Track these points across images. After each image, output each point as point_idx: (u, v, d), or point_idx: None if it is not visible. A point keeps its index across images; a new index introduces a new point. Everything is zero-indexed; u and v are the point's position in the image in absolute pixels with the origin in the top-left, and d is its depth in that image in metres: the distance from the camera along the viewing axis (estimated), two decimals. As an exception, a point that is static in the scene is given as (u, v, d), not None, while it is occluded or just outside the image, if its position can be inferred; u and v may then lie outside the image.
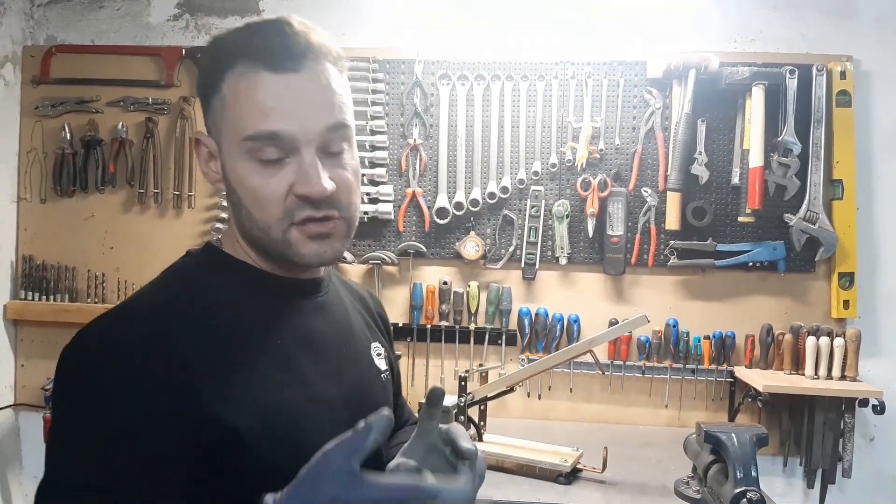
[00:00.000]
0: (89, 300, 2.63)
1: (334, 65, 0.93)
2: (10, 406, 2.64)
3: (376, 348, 1.14)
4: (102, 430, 0.80)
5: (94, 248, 2.66)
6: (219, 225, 2.55)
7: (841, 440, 2.34)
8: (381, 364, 1.14)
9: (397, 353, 2.57)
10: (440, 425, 0.91)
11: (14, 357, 2.66)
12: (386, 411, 0.76)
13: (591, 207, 2.46)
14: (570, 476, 1.96)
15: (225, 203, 1.75)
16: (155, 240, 2.60)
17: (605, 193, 2.47)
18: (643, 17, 2.54)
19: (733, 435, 1.71)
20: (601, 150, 2.50)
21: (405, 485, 0.76)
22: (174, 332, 0.86)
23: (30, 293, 2.64)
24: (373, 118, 2.54)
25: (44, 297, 2.63)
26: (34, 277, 2.64)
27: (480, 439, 2.10)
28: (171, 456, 0.81)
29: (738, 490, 1.62)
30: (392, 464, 0.89)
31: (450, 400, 2.09)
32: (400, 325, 2.57)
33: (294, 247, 0.92)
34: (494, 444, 2.09)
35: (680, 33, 2.53)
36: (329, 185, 0.90)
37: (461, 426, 0.92)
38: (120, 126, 2.64)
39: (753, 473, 1.65)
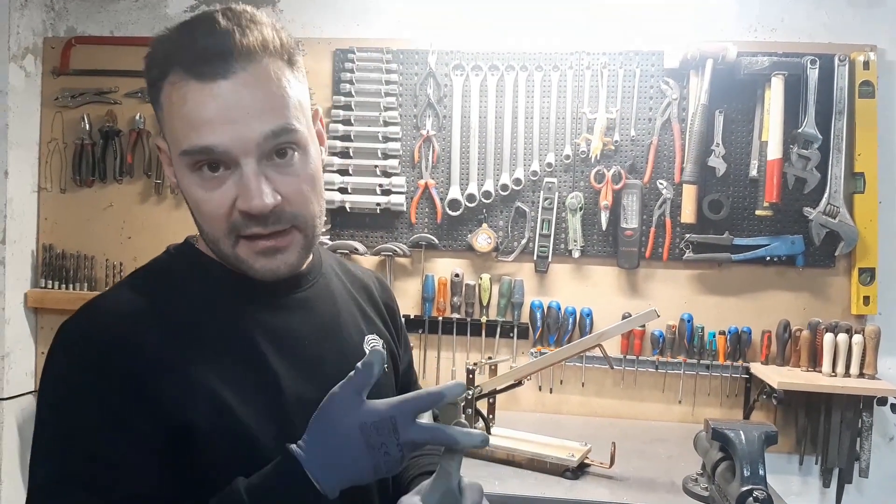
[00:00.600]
0: (107, 288, 2.66)
1: (279, 59, 0.87)
2: (31, 392, 2.69)
3: (372, 340, 1.10)
4: (69, 428, 0.81)
5: (112, 238, 2.70)
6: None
7: (858, 439, 2.29)
8: None
9: (409, 344, 2.57)
10: (456, 464, 0.88)
11: (35, 344, 2.71)
12: (380, 348, 0.87)
13: (605, 200, 2.43)
14: (578, 471, 1.95)
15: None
16: (171, 229, 2.63)
17: (619, 186, 2.43)
18: (661, 6, 2.50)
19: (741, 432, 1.68)
20: (616, 141, 2.46)
21: (412, 396, 0.85)
22: (138, 330, 0.85)
23: (50, 282, 2.68)
24: (386, 109, 2.54)
25: (63, 286, 2.68)
26: (54, 266, 2.69)
27: (488, 432, 2.09)
28: (136, 452, 0.81)
29: (744, 488, 1.60)
30: (405, 499, 0.87)
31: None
32: (412, 317, 2.57)
33: (245, 262, 0.90)
34: (502, 437, 2.08)
35: (699, 22, 2.48)
36: (270, 199, 0.84)
37: (480, 486, 0.90)
38: (137, 117, 2.68)
39: (761, 472, 1.63)
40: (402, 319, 1.31)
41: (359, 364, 0.84)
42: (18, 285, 2.65)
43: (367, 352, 1.09)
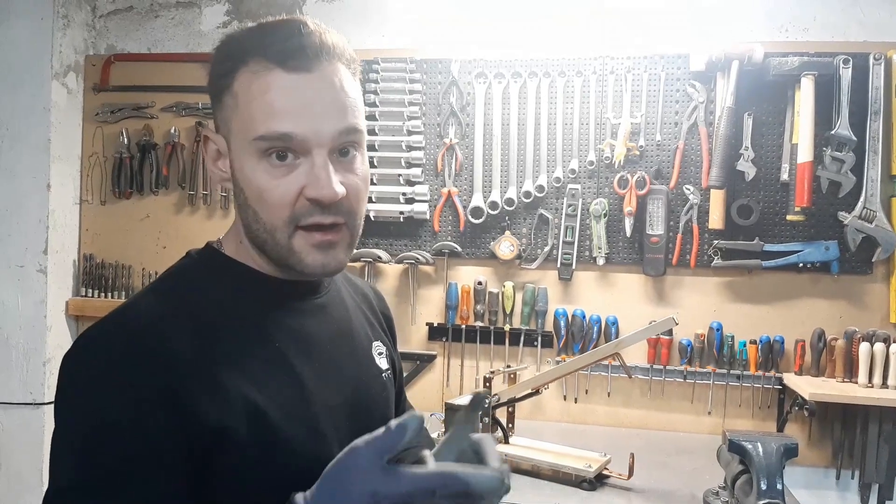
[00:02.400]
0: (132, 296, 2.75)
1: (347, 67, 0.92)
2: (72, 396, 2.79)
3: (377, 347, 1.13)
4: (95, 435, 0.80)
5: (148, 248, 2.79)
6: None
7: (898, 454, 2.19)
8: (383, 363, 1.12)
9: (432, 352, 2.58)
10: (471, 434, 0.86)
11: (76, 350, 2.82)
12: (418, 412, 0.76)
13: (629, 206, 2.39)
14: (596, 482, 1.91)
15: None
16: (204, 239, 2.64)
17: (643, 191, 2.39)
18: (688, 7, 2.45)
19: (759, 444, 1.63)
20: (641, 146, 2.42)
21: (438, 472, 0.74)
22: (165, 336, 0.85)
23: (90, 290, 2.79)
24: (409, 118, 2.56)
25: (102, 294, 2.78)
26: (94, 275, 2.79)
27: (507, 441, 2.07)
28: (164, 459, 0.80)
29: (761, 502, 1.55)
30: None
31: (467, 400, 2.07)
32: (435, 324, 2.57)
33: (297, 255, 0.91)
34: (520, 446, 2.06)
35: (727, 24, 2.42)
36: (340, 189, 0.88)
37: (492, 440, 0.87)
38: (173, 130, 2.76)
39: (779, 486, 1.57)
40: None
41: (391, 423, 0.75)
42: (60, 294, 2.76)
43: (385, 378, 1.11)
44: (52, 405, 0.85)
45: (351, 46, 0.95)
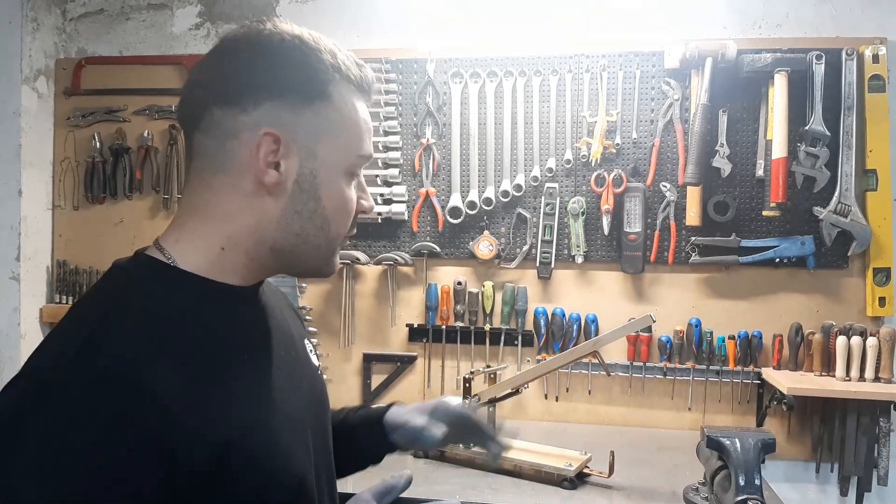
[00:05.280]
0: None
1: None
2: (47, 405, 2.74)
3: (308, 344, 1.11)
4: (71, 471, 0.72)
5: (123, 253, 2.62)
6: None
7: (876, 445, 2.21)
8: (315, 360, 1.10)
9: (413, 354, 2.57)
10: None
11: (51, 358, 2.77)
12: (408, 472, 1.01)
13: (606, 204, 2.39)
14: (577, 480, 1.91)
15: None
16: None
17: (620, 189, 2.39)
18: (662, 6, 2.46)
19: (737, 440, 1.63)
20: (617, 144, 2.43)
21: None
22: (138, 356, 0.78)
23: (64, 297, 2.75)
24: (386, 119, 2.54)
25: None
26: (68, 282, 2.75)
27: (487, 442, 2.06)
28: (151, 488, 0.75)
29: (738, 498, 1.55)
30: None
31: (455, 402, 2.06)
32: (415, 326, 2.56)
33: (335, 259, 0.98)
34: (501, 446, 2.05)
35: (701, 21, 2.43)
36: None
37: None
38: (146, 134, 2.73)
39: (756, 481, 1.57)
40: None
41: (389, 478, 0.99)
42: (34, 301, 2.71)
43: (321, 374, 1.12)
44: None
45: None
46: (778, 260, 2.34)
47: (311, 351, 1.10)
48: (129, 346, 0.79)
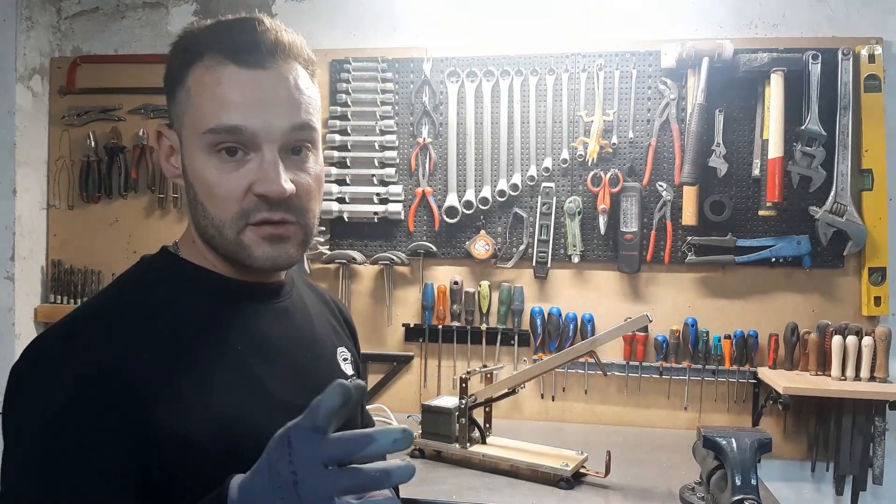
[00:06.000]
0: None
1: (305, 67, 0.92)
2: (42, 405, 2.73)
3: (342, 353, 1.12)
4: (46, 447, 0.78)
5: (118, 253, 2.74)
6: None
7: (871, 445, 2.21)
8: (348, 369, 1.12)
9: (409, 353, 2.57)
10: None
11: (46, 358, 2.77)
12: (345, 382, 0.70)
13: (603, 203, 2.39)
14: (573, 480, 1.91)
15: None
16: None
17: (616, 189, 2.39)
18: (659, 4, 2.46)
19: (733, 440, 1.64)
20: (614, 144, 2.43)
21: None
22: (118, 343, 0.83)
23: (59, 297, 2.74)
24: (382, 118, 2.54)
25: (72, 301, 2.72)
26: (63, 281, 2.74)
27: (484, 442, 2.06)
28: (120, 471, 0.78)
29: (735, 498, 1.55)
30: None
31: (451, 402, 2.07)
32: (411, 325, 2.56)
33: (247, 249, 0.90)
34: (498, 446, 2.05)
35: (698, 21, 2.44)
36: (289, 186, 0.87)
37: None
38: (141, 133, 2.72)
39: (753, 481, 1.58)
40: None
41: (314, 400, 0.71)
42: (28, 301, 2.70)
43: (339, 363, 1.11)
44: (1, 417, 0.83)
45: (310, 47, 0.94)
46: (774, 259, 2.35)
47: (344, 360, 1.11)
48: (105, 323, 0.87)
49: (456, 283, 2.52)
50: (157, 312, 0.89)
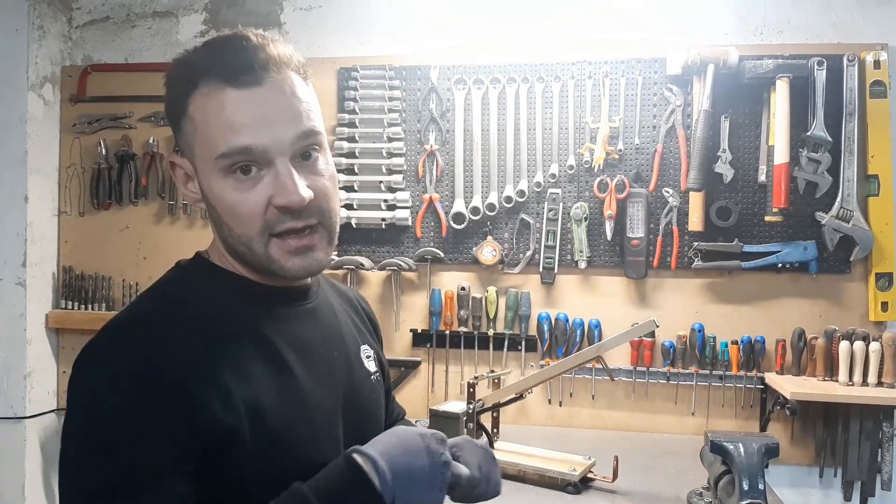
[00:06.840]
0: (127, 306, 2.72)
1: (297, 73, 0.94)
2: (53, 411, 2.76)
3: (365, 350, 1.15)
4: (105, 441, 0.82)
5: (128, 259, 2.77)
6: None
7: (879, 450, 2.21)
8: (371, 366, 1.15)
9: (417, 359, 2.58)
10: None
11: (56, 364, 2.79)
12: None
13: (609, 209, 2.40)
14: (580, 485, 1.91)
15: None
16: (185, 250, 2.58)
17: (623, 195, 2.41)
18: (664, 13, 2.47)
19: (740, 445, 1.64)
20: (620, 150, 2.44)
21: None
22: (167, 340, 0.88)
23: (70, 303, 2.76)
24: (389, 125, 2.56)
25: (83, 307, 2.75)
26: (74, 287, 2.76)
27: (492, 446, 2.06)
28: (175, 461, 0.83)
29: (742, 502, 1.56)
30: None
31: (459, 407, 2.08)
32: (419, 331, 2.57)
33: (277, 262, 0.94)
34: (505, 451, 2.06)
35: (703, 27, 2.45)
36: (307, 193, 0.91)
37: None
38: (151, 140, 2.75)
39: (760, 486, 1.58)
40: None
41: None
42: (40, 307, 2.73)
43: (374, 380, 1.15)
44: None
45: (318, 55, 0.97)
46: (780, 265, 2.35)
47: (367, 357, 1.14)
48: (152, 320, 0.91)
49: (463, 288, 2.53)
50: (200, 313, 0.94)
